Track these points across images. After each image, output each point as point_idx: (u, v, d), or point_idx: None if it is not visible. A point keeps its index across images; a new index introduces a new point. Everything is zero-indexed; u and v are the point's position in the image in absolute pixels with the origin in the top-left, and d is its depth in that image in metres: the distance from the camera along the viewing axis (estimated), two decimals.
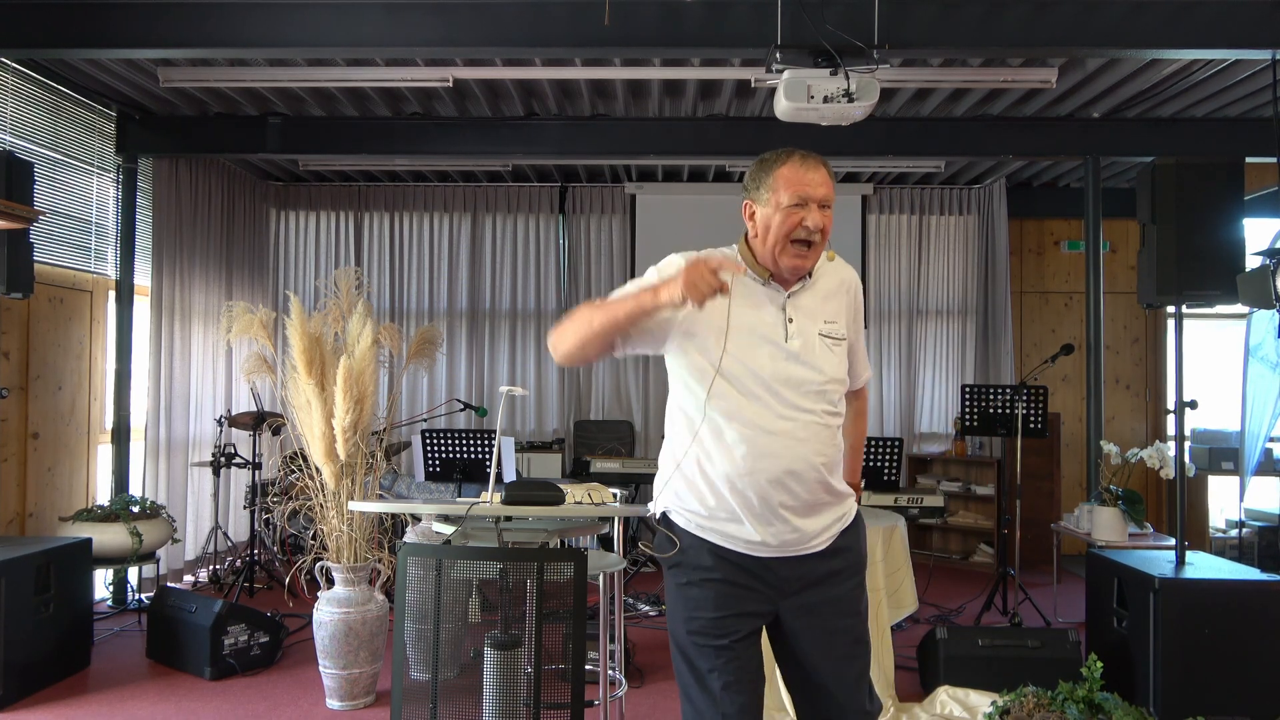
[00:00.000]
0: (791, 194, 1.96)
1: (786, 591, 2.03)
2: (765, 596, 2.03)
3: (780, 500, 1.97)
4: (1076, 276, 7.66)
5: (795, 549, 2.01)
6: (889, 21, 4.09)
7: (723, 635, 1.99)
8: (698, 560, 2.03)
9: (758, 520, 1.98)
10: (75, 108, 5.41)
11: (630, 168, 7.32)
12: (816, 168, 2.00)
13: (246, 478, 6.30)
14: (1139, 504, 4.79)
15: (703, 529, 2.04)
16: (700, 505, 2.03)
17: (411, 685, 3.74)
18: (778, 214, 1.98)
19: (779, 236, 1.98)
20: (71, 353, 5.35)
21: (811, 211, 1.96)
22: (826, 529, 2.05)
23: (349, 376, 3.83)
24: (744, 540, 2.00)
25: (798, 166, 1.99)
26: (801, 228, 1.96)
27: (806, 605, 2.03)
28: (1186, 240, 3.89)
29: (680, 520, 2.07)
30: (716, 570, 2.01)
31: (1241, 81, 5.15)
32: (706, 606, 2.01)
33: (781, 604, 2.04)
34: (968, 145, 5.93)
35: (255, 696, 4.02)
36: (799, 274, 2.03)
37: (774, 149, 2.11)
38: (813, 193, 1.97)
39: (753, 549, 2.00)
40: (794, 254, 1.98)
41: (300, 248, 7.69)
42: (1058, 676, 3.16)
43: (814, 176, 1.98)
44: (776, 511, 1.97)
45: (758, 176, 2.05)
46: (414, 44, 4.36)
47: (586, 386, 7.69)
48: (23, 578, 3.95)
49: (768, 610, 2.05)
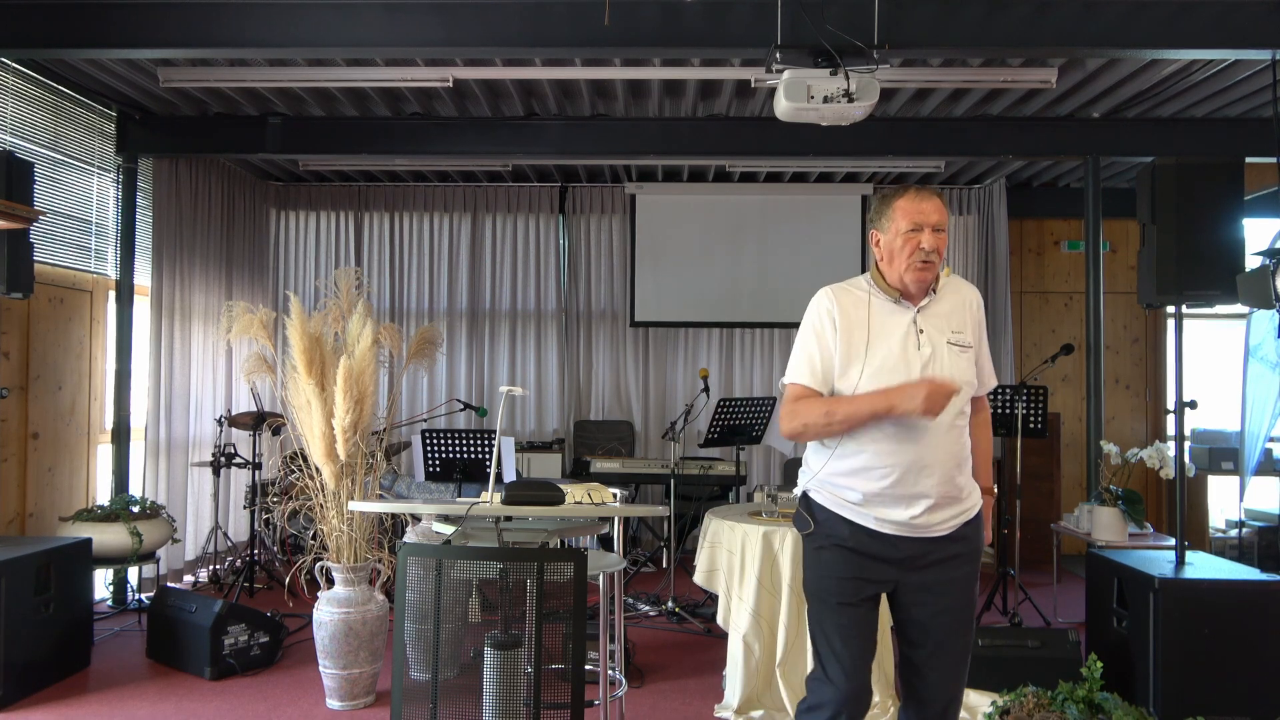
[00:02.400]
0: (909, 221, 2.32)
1: (910, 567, 2.33)
2: (890, 567, 2.33)
3: (911, 492, 2.28)
4: (1076, 276, 7.66)
5: (922, 532, 2.32)
6: (889, 21, 4.09)
7: (846, 596, 2.33)
8: (832, 530, 2.36)
9: (890, 508, 2.30)
10: (75, 108, 5.41)
11: (630, 168, 7.32)
12: (930, 198, 2.35)
13: (246, 478, 6.30)
14: (1139, 504, 4.79)
15: (840, 506, 2.36)
16: (840, 488, 2.35)
17: (411, 685, 3.74)
18: (899, 239, 2.34)
19: (904, 258, 2.33)
20: (71, 353, 5.35)
21: (926, 234, 2.31)
22: (952, 518, 2.34)
23: (349, 376, 3.83)
24: (875, 519, 2.31)
25: (913, 198, 2.35)
26: (919, 250, 2.31)
27: (925, 583, 2.34)
28: (1186, 240, 3.89)
29: (819, 498, 2.40)
30: (850, 540, 2.34)
31: (1241, 81, 5.14)
32: (836, 568, 2.35)
33: (903, 578, 2.34)
34: (968, 145, 5.93)
35: (255, 696, 4.02)
36: (924, 285, 2.36)
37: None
38: (926, 219, 2.32)
39: (883, 526, 2.31)
40: (917, 269, 2.32)
41: (300, 248, 7.69)
42: (1058, 676, 3.16)
43: (927, 206, 2.34)
44: (909, 501, 2.29)
45: (880, 209, 2.41)
46: (414, 44, 4.36)
47: (586, 387, 7.69)
48: (23, 578, 3.95)
49: (890, 579, 2.35)
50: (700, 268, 7.55)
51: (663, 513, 3.37)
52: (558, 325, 7.65)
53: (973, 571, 2.41)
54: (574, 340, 7.67)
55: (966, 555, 2.38)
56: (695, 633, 5.07)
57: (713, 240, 7.50)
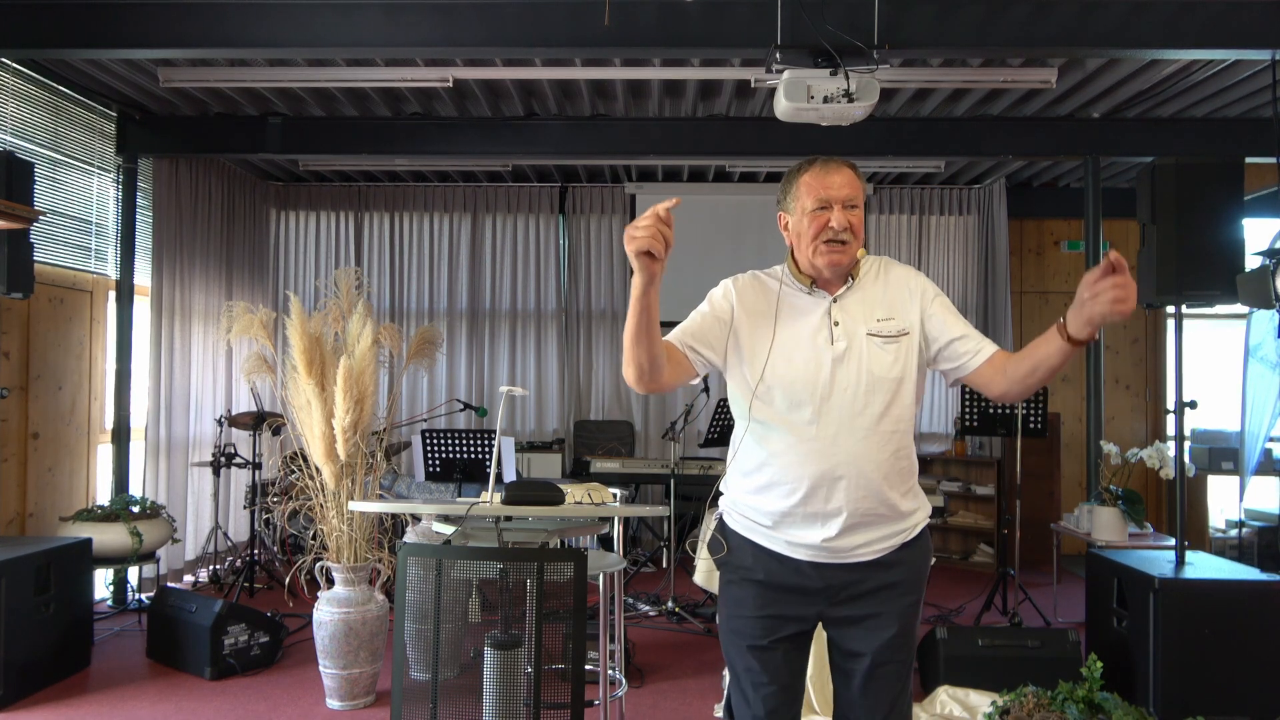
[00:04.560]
0: (814, 198, 2.02)
1: (835, 600, 2.01)
2: (809, 601, 2.02)
3: (823, 510, 1.97)
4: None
5: (841, 557, 1.99)
6: (889, 21, 4.09)
7: (759, 636, 2.02)
8: (740, 560, 2.07)
9: (801, 529, 1.99)
10: (75, 108, 5.41)
11: (630, 168, 7.32)
12: (839, 169, 2.04)
13: (246, 478, 6.30)
14: (1139, 504, 4.79)
15: (750, 530, 2.06)
16: (748, 509, 2.06)
17: (411, 685, 3.74)
18: (805, 219, 2.03)
19: (810, 239, 2.02)
20: (71, 353, 5.35)
21: (835, 211, 2.00)
22: (880, 541, 2.00)
23: (349, 376, 3.83)
24: (785, 543, 2.01)
25: (819, 171, 2.04)
26: (828, 229, 2.00)
27: (854, 617, 2.01)
28: (1186, 240, 3.89)
29: (731, 522, 2.11)
30: (758, 570, 2.03)
31: (1241, 81, 5.15)
32: (747, 605, 2.04)
33: (827, 611, 2.03)
34: (968, 145, 5.93)
35: (255, 696, 4.02)
36: (838, 270, 2.04)
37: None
38: (835, 194, 2.01)
39: (795, 552, 2.00)
40: (826, 251, 2.01)
41: (300, 248, 7.69)
42: (1058, 676, 3.16)
43: (835, 179, 2.02)
44: (821, 519, 1.97)
45: (785, 189, 2.11)
46: (414, 44, 4.36)
47: (586, 386, 7.69)
48: (23, 578, 3.95)
49: (811, 615, 2.04)
50: (700, 268, 7.54)
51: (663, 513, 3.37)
52: (558, 325, 7.65)
53: (914, 603, 2.05)
54: (574, 340, 7.67)
55: (906, 584, 2.02)
56: (695, 633, 5.07)
57: (713, 240, 7.49)
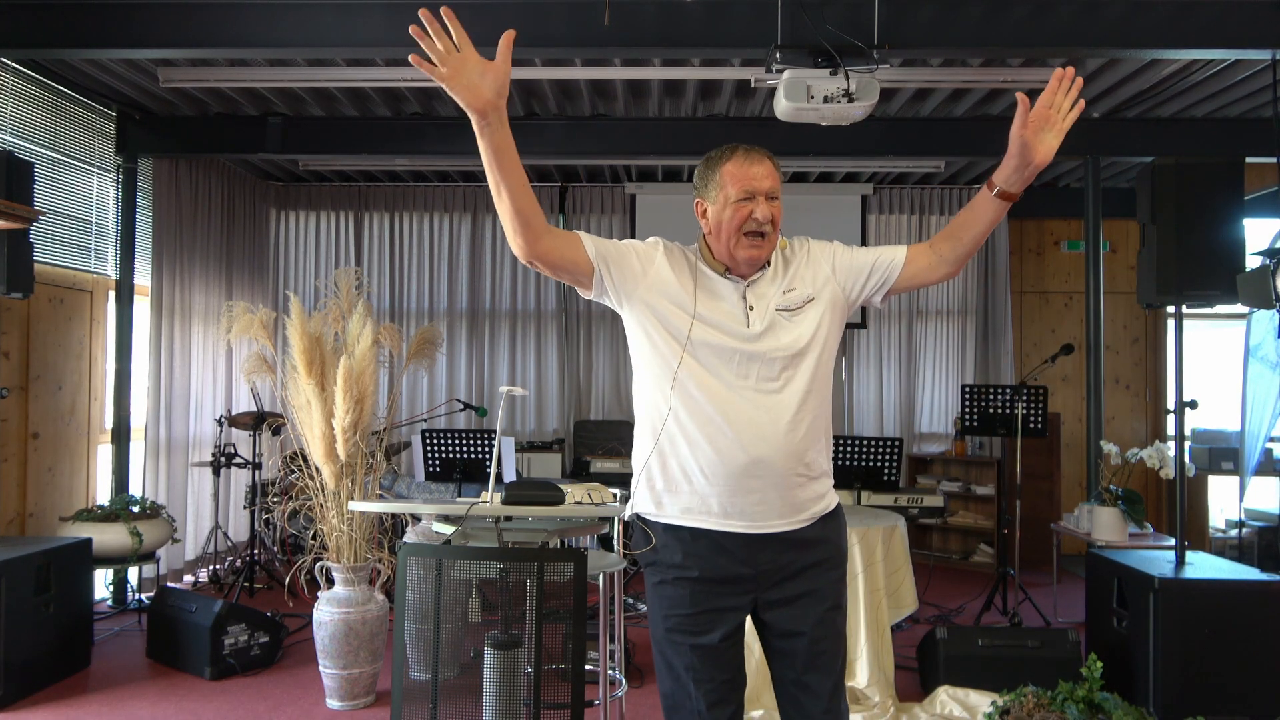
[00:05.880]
0: (738, 188, 1.99)
1: (765, 584, 2.01)
2: (742, 589, 2.01)
3: (750, 478, 1.96)
4: (1076, 276, 7.66)
5: (769, 525, 1.99)
6: (889, 21, 4.09)
7: (699, 632, 2.00)
8: (669, 558, 2.03)
9: (730, 496, 1.97)
10: (75, 108, 5.41)
11: (630, 168, 7.32)
12: (761, 160, 2.01)
13: (246, 478, 6.30)
14: (1139, 504, 4.79)
15: (676, 516, 2.02)
16: (672, 493, 2.03)
17: (411, 685, 3.74)
18: (727, 209, 2.00)
19: (732, 230, 1.99)
20: (71, 353, 5.35)
21: (759, 204, 1.98)
22: (803, 506, 2.02)
23: (349, 376, 3.83)
24: (717, 518, 1.99)
25: (742, 161, 2.01)
26: (751, 220, 1.98)
27: (785, 598, 2.02)
28: (1186, 240, 3.89)
29: (652, 514, 2.06)
30: (692, 567, 2.00)
31: (1241, 81, 5.14)
32: (682, 604, 2.01)
33: (761, 597, 2.02)
34: (968, 145, 5.93)
35: (255, 696, 4.02)
36: (755, 265, 2.04)
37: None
38: (758, 185, 1.99)
39: (727, 525, 1.98)
40: (748, 245, 2.00)
41: (300, 248, 7.69)
42: (1058, 676, 3.16)
43: (758, 170, 2.00)
44: (748, 487, 1.96)
45: (705, 175, 2.07)
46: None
47: (586, 386, 7.69)
48: (23, 578, 3.95)
49: (745, 604, 2.03)
50: None
51: None
52: (558, 325, 7.65)
53: (839, 577, 2.08)
54: (574, 340, 7.67)
55: (830, 560, 2.06)
56: None
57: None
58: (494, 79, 1.84)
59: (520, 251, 1.95)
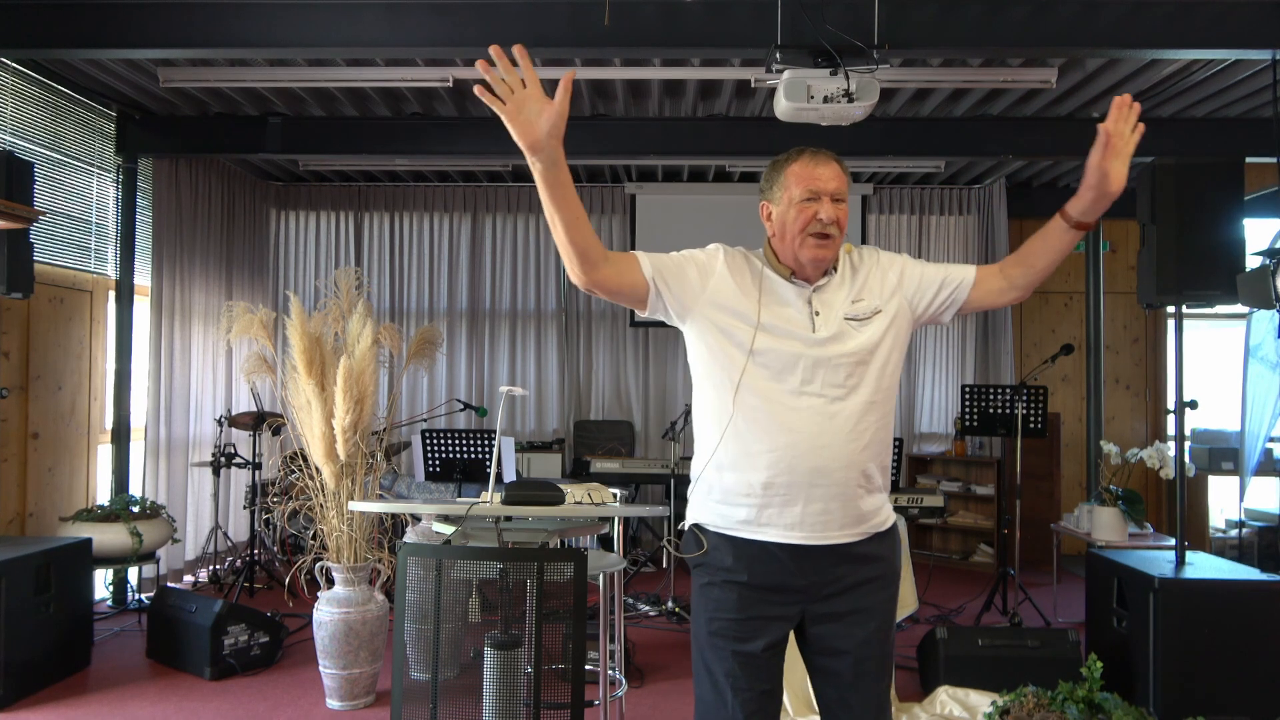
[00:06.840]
0: (803, 189, 1.99)
1: (814, 596, 1.98)
2: (791, 600, 1.99)
3: (812, 487, 1.94)
4: (1076, 276, 7.65)
5: (830, 536, 1.96)
6: (889, 21, 4.09)
7: (743, 639, 1.97)
8: (720, 561, 2.00)
9: (790, 507, 1.95)
10: (75, 108, 5.41)
11: (630, 168, 7.32)
12: (827, 162, 2.01)
13: (246, 478, 6.30)
14: (1139, 504, 4.79)
15: (733, 525, 2.00)
16: (730, 500, 2.00)
17: (411, 685, 3.74)
18: (792, 209, 2.00)
19: (796, 231, 1.99)
20: (71, 353, 5.35)
21: (824, 204, 1.97)
22: (865, 518, 1.99)
23: (349, 376, 3.83)
24: (778, 530, 1.96)
25: (808, 162, 2.01)
26: (816, 221, 1.97)
27: (834, 613, 1.99)
28: (1186, 240, 3.89)
29: (708, 519, 2.04)
30: (741, 571, 1.98)
31: (1241, 81, 5.14)
32: (729, 608, 1.99)
33: (809, 609, 2.00)
34: (968, 145, 5.92)
35: (255, 696, 4.02)
36: (821, 266, 2.02)
37: (777, 149, 2.10)
38: (824, 186, 1.98)
39: (782, 536, 1.96)
40: (813, 245, 1.98)
41: (300, 248, 7.69)
42: (1058, 676, 3.16)
43: (824, 171, 2.00)
44: (810, 496, 1.94)
45: (771, 177, 2.07)
46: (414, 44, 4.36)
47: (586, 386, 7.69)
48: (23, 578, 3.95)
49: (793, 614, 2.00)
50: None
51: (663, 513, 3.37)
52: (558, 325, 7.65)
53: (890, 597, 2.05)
54: (574, 340, 7.67)
55: (883, 579, 2.03)
56: None
57: (713, 240, 7.48)
58: (549, 118, 1.85)
59: (578, 281, 1.98)
